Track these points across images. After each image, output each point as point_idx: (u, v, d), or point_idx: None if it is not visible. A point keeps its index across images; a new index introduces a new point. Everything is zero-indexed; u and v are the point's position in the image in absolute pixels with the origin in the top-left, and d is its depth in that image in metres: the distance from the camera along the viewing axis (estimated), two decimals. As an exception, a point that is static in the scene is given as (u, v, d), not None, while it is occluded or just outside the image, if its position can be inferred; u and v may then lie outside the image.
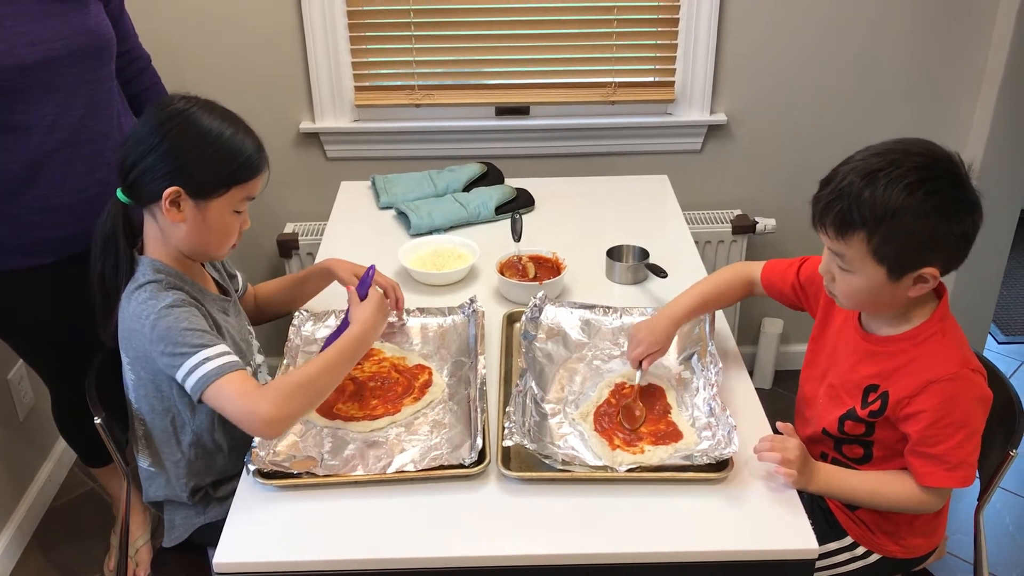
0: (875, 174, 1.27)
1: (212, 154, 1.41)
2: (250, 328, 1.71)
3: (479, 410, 1.46)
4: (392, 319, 1.75)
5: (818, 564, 1.52)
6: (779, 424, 1.41)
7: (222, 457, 1.59)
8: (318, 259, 1.93)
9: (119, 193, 1.46)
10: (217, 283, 1.66)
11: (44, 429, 2.49)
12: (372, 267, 1.63)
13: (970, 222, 1.28)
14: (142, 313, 1.41)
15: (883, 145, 1.32)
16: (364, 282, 1.58)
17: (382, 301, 1.57)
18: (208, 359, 1.37)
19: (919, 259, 1.29)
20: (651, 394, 1.55)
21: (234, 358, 1.40)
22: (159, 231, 1.48)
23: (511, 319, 1.77)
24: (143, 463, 1.60)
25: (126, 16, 1.95)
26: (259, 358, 1.69)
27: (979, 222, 1.29)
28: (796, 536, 1.27)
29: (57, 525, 2.43)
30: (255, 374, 1.65)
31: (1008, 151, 2.55)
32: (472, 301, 1.77)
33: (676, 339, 1.68)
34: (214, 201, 1.43)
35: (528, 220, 2.13)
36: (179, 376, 1.38)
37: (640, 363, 1.57)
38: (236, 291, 1.72)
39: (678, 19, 2.45)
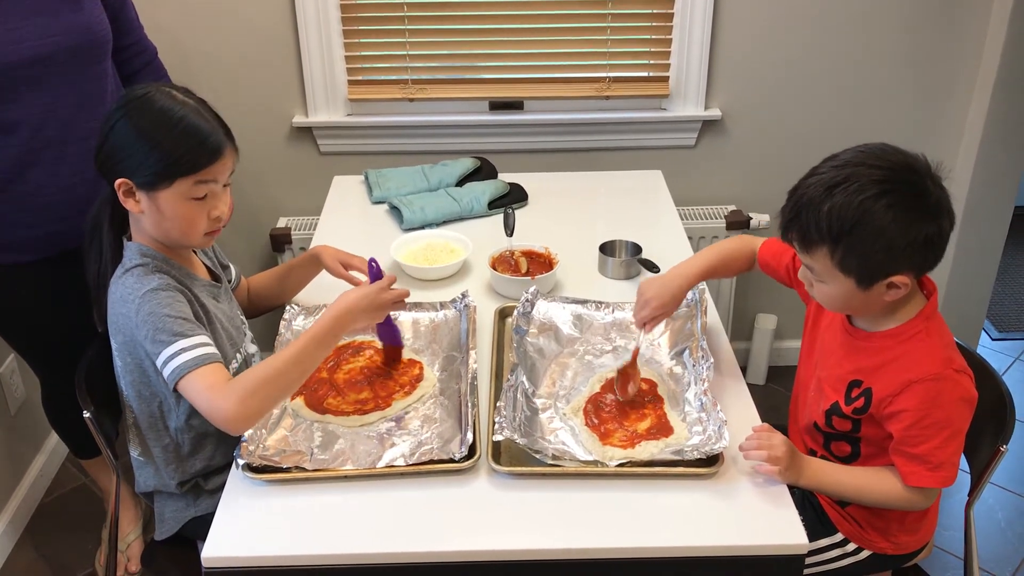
0: (832, 189, 1.27)
1: (158, 141, 1.39)
2: (242, 317, 1.71)
3: (470, 405, 1.46)
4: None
5: (809, 560, 1.53)
6: (755, 427, 1.41)
7: (211, 442, 1.58)
8: (310, 252, 1.92)
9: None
10: (209, 270, 1.65)
11: (36, 423, 2.48)
12: (371, 260, 1.59)
13: (934, 228, 1.27)
14: (128, 296, 1.42)
15: (845, 155, 1.32)
16: (375, 274, 1.56)
17: (377, 291, 1.47)
18: (184, 349, 1.36)
19: (884, 269, 1.29)
20: (643, 389, 1.55)
21: (211, 350, 1.38)
22: (135, 219, 1.48)
23: (503, 314, 1.76)
24: (134, 452, 1.60)
25: (128, 8, 1.92)
26: (252, 347, 1.69)
27: (948, 224, 1.29)
28: (786, 531, 1.27)
29: (49, 520, 2.43)
30: (246, 362, 1.64)
31: (1003, 147, 2.54)
32: (464, 296, 1.77)
33: (667, 334, 1.68)
34: (162, 192, 1.42)
35: (521, 215, 2.13)
36: (158, 363, 1.38)
37: (644, 324, 1.58)
38: (229, 282, 1.72)
39: (672, 14, 2.45)
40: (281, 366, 1.36)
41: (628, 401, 1.51)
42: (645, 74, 2.54)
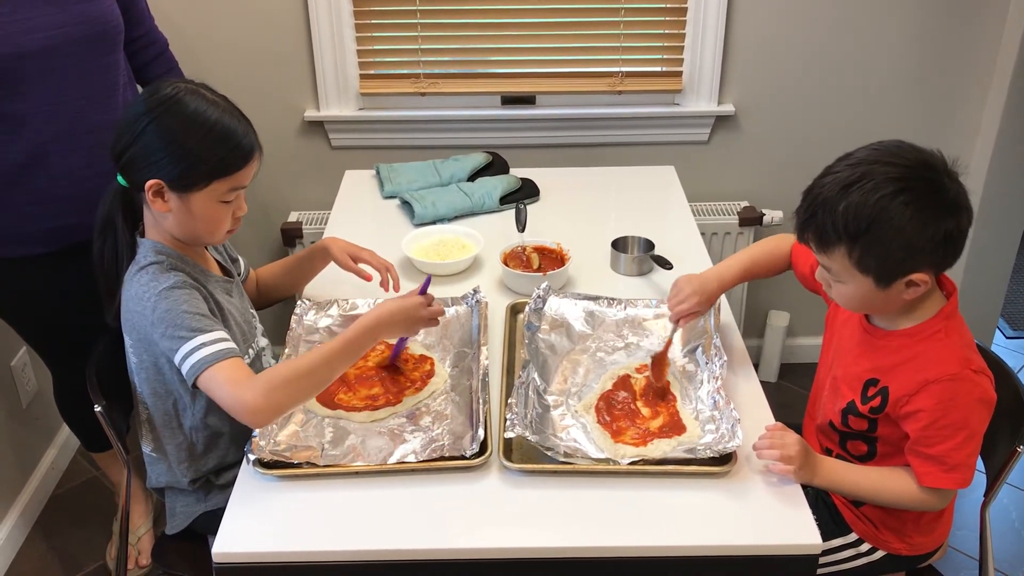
0: (848, 188, 1.26)
1: (192, 145, 1.39)
2: (253, 311, 1.70)
3: (481, 401, 1.45)
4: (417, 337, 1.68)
5: (824, 560, 1.52)
6: (768, 426, 1.40)
7: (224, 441, 1.58)
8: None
9: (119, 176, 1.45)
10: (220, 265, 1.65)
11: (47, 416, 2.49)
12: (429, 277, 1.56)
13: (952, 224, 1.26)
14: (144, 295, 1.41)
15: (859, 153, 1.31)
16: (423, 288, 1.52)
17: (416, 306, 1.46)
18: (205, 344, 1.36)
19: (903, 267, 1.28)
20: (658, 388, 1.54)
21: (231, 345, 1.39)
22: (153, 217, 1.47)
23: (514, 310, 1.75)
24: (146, 448, 1.60)
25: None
26: (263, 341, 1.69)
27: (966, 221, 1.28)
28: (800, 531, 1.26)
29: (60, 512, 2.43)
30: (258, 356, 1.64)
31: (1019, 144, 2.52)
32: (475, 291, 1.76)
33: (680, 332, 1.67)
34: (196, 193, 1.42)
35: (533, 210, 2.11)
36: (176, 360, 1.37)
37: (679, 319, 1.58)
38: (239, 275, 1.72)
39: (686, 8, 2.43)
40: (311, 365, 1.36)
41: (645, 395, 1.50)
42: (658, 69, 2.53)
